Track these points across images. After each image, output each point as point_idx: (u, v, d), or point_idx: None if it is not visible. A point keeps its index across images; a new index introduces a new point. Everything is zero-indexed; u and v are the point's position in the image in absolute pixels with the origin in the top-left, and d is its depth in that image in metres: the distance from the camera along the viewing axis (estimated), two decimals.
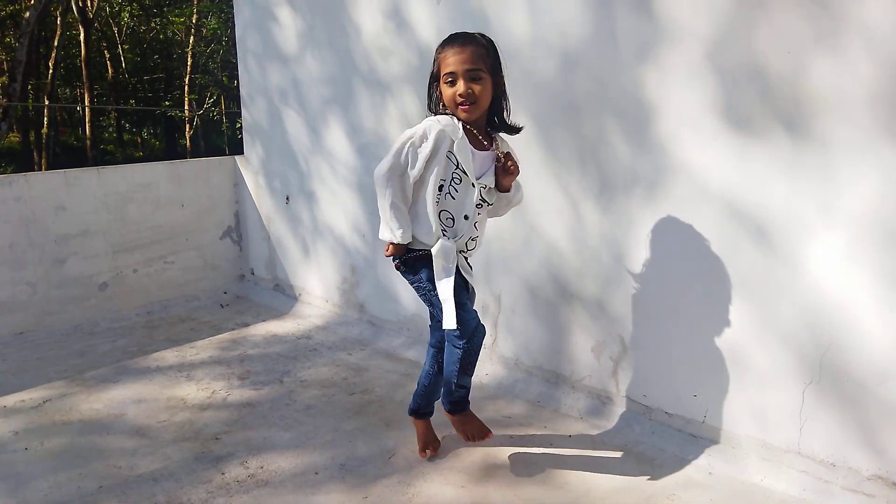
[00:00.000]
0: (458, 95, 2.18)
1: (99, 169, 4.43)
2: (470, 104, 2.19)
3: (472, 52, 2.17)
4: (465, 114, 2.22)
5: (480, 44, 2.21)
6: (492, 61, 2.23)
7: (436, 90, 2.32)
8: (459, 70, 2.16)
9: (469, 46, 2.18)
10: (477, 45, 2.20)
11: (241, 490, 2.54)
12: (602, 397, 3.08)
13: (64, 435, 2.97)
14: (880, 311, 2.25)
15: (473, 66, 2.16)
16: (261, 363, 3.74)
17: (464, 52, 2.16)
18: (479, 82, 2.17)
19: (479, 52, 2.18)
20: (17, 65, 12.13)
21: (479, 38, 2.24)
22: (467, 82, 2.17)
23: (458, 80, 2.17)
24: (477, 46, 2.19)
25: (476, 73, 2.16)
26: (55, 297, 4.24)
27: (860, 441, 2.36)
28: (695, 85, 2.56)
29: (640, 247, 2.84)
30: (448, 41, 2.23)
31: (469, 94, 2.18)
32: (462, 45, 2.18)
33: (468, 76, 2.16)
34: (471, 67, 2.16)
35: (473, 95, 2.18)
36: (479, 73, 2.17)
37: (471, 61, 2.16)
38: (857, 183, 2.24)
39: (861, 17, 2.14)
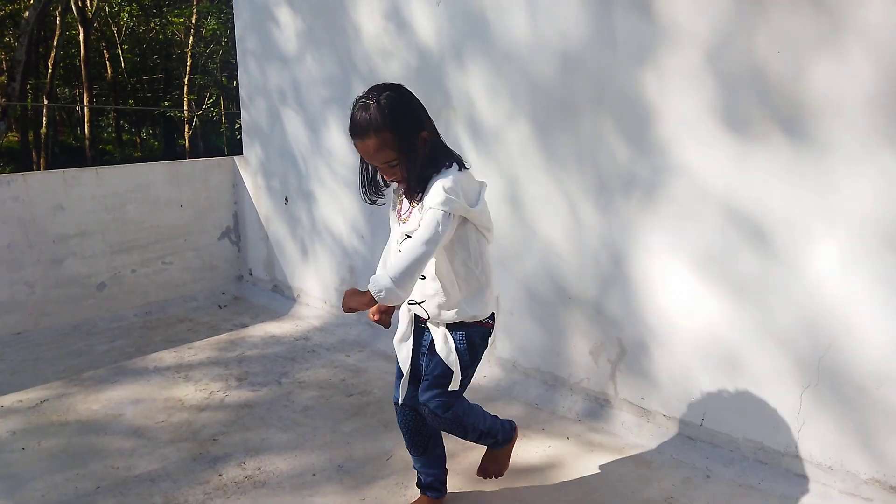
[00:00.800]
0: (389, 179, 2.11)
1: (98, 169, 4.42)
2: (399, 181, 2.09)
3: (371, 145, 1.97)
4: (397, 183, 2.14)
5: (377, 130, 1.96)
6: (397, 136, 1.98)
7: None
8: (373, 163, 2.07)
9: (366, 140, 1.98)
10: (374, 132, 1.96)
11: (239, 491, 2.54)
12: (600, 400, 3.08)
13: (61, 435, 2.97)
14: (878, 315, 2.25)
15: (381, 159, 2.00)
16: (259, 364, 3.73)
17: (364, 146, 1.99)
18: (395, 167, 2.01)
19: (377, 141, 1.97)
20: (17, 64, 12.12)
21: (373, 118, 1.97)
22: (386, 170, 2.05)
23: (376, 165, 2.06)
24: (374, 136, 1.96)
25: (387, 161, 2.00)
26: (53, 298, 4.23)
27: (858, 444, 2.36)
28: (694, 87, 2.56)
29: (639, 249, 2.84)
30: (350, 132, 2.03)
31: (393, 176, 2.07)
32: (361, 139, 1.99)
33: (383, 167, 2.04)
34: (380, 161, 2.01)
35: (397, 174, 2.04)
36: (390, 160, 1.99)
37: (375, 156, 2.00)
38: (856, 186, 2.24)
39: (860, 20, 2.15)
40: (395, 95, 2.02)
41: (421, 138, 2.03)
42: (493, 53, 3.21)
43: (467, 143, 3.41)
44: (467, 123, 3.40)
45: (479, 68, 3.28)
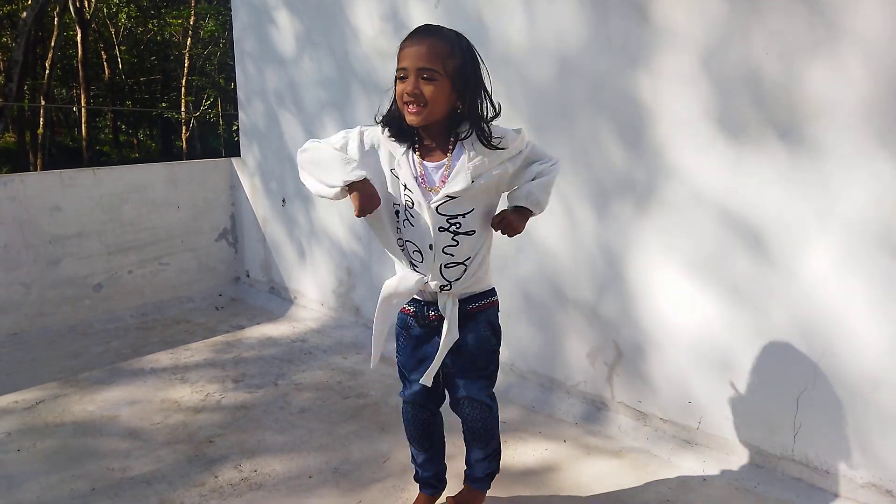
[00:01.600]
0: (406, 93, 1.79)
1: (95, 170, 4.42)
2: (418, 106, 1.80)
3: (430, 46, 1.78)
4: (411, 116, 1.82)
5: (446, 40, 1.81)
6: (457, 63, 1.81)
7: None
8: (411, 66, 1.78)
9: (428, 40, 1.79)
10: (440, 40, 1.80)
11: (235, 493, 2.53)
12: (597, 403, 3.08)
13: (57, 436, 2.96)
14: (874, 319, 2.26)
15: (427, 64, 1.77)
16: (255, 366, 3.73)
17: (421, 45, 1.78)
18: (433, 83, 1.78)
19: (439, 48, 1.78)
20: (14, 65, 12.11)
21: (447, 33, 1.84)
22: (417, 80, 1.78)
23: (408, 76, 1.79)
24: (440, 42, 1.80)
25: (430, 72, 1.77)
26: (49, 298, 4.22)
27: (854, 448, 2.37)
28: (690, 91, 2.57)
29: (635, 252, 2.84)
30: (413, 31, 1.84)
31: (417, 94, 1.78)
32: (420, 39, 1.79)
33: (420, 74, 1.77)
34: (423, 66, 1.77)
35: (422, 97, 1.78)
36: (434, 74, 1.77)
37: (426, 58, 1.77)
38: (851, 190, 2.24)
39: (855, 24, 2.15)
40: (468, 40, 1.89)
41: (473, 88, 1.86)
42: (489, 56, 3.21)
43: None
44: None
45: None
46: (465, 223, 1.91)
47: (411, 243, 1.95)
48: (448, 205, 1.87)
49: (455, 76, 1.81)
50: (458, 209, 1.89)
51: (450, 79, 1.80)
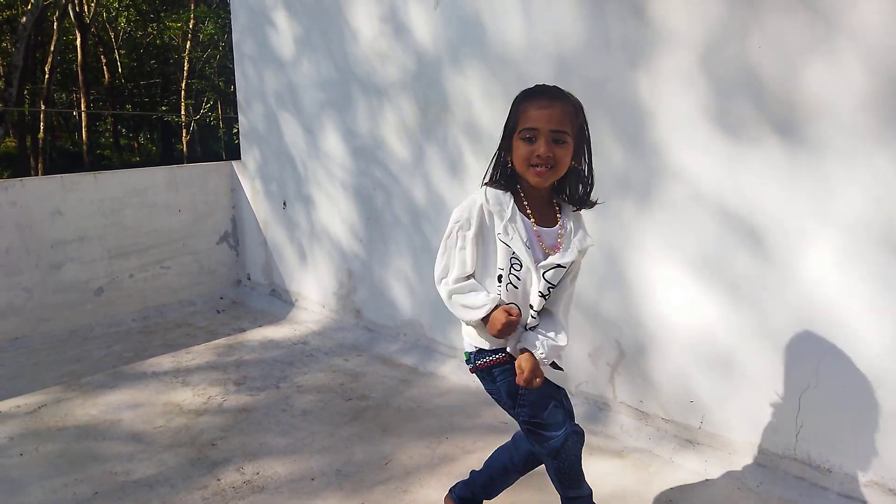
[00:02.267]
0: (536, 156, 1.81)
1: (95, 174, 4.42)
2: (548, 168, 1.82)
3: (562, 109, 1.82)
4: (538, 178, 1.83)
5: (571, 102, 1.86)
6: (579, 125, 1.87)
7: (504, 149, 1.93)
8: (543, 128, 1.80)
9: (559, 102, 1.83)
10: (567, 102, 1.85)
11: (237, 496, 2.53)
12: (599, 403, 3.08)
13: (59, 440, 2.96)
14: (875, 317, 2.26)
15: (560, 126, 1.80)
16: (257, 369, 3.73)
17: (552, 107, 1.81)
18: (563, 146, 1.81)
19: (568, 111, 1.83)
20: (14, 69, 12.12)
21: (570, 96, 1.89)
22: (549, 143, 1.80)
23: (538, 138, 1.80)
24: (567, 104, 1.84)
25: (561, 135, 1.81)
26: (51, 303, 4.23)
27: (856, 447, 2.37)
28: (688, 90, 2.57)
29: (635, 252, 2.84)
30: (533, 93, 1.87)
31: (549, 157, 1.80)
32: (551, 101, 1.83)
33: (552, 137, 1.80)
34: (557, 128, 1.80)
35: (553, 159, 1.81)
36: (565, 137, 1.81)
37: (558, 121, 1.80)
38: (850, 188, 2.24)
39: (853, 23, 2.16)
40: None
41: (586, 145, 1.91)
42: (488, 57, 3.22)
43: (464, 146, 3.42)
44: (464, 126, 3.40)
45: (475, 71, 3.29)
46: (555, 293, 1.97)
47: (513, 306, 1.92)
48: (552, 273, 1.89)
49: (577, 138, 1.86)
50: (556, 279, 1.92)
51: (574, 141, 1.85)
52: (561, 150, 1.81)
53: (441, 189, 3.58)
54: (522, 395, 1.98)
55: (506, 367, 1.99)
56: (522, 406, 1.99)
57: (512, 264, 1.89)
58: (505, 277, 1.90)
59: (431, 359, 3.72)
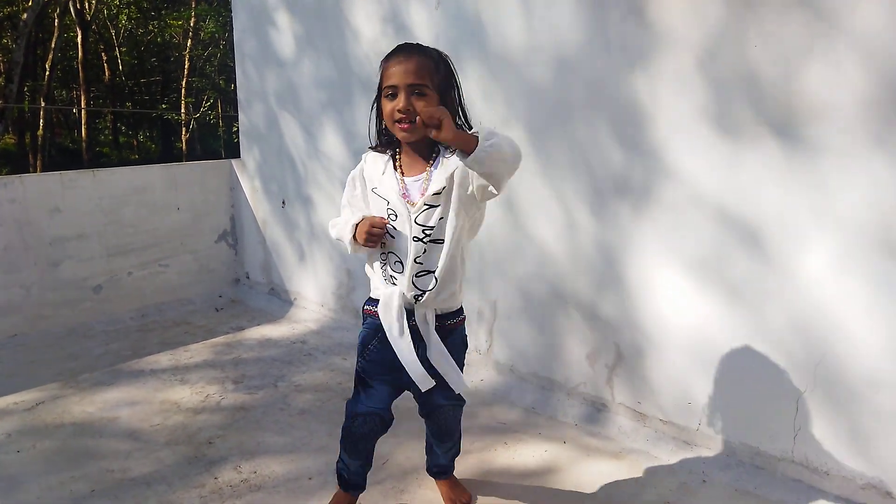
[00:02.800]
0: (397, 111, 1.87)
1: (95, 171, 4.42)
2: (409, 122, 1.87)
3: (418, 63, 1.87)
4: (403, 133, 1.90)
5: (430, 56, 1.92)
6: (441, 77, 1.92)
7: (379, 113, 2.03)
8: (401, 83, 1.86)
9: (415, 57, 1.89)
10: (425, 56, 1.91)
11: (234, 495, 2.53)
12: (597, 404, 3.08)
13: (56, 438, 2.96)
14: (873, 320, 2.26)
15: (417, 79, 1.86)
16: (255, 367, 3.73)
17: (408, 62, 1.87)
18: (423, 98, 1.86)
19: (425, 64, 1.88)
20: (14, 66, 12.12)
21: (429, 50, 1.95)
22: (408, 97, 1.86)
23: (398, 93, 1.87)
24: (425, 58, 1.90)
25: (420, 87, 1.86)
26: (49, 300, 4.23)
27: (854, 450, 2.37)
28: (687, 91, 2.57)
29: (633, 253, 2.84)
30: (393, 51, 1.95)
31: (409, 110, 1.86)
32: (407, 56, 1.89)
33: (410, 90, 1.86)
34: (413, 82, 1.86)
35: (414, 112, 1.86)
36: (424, 89, 1.86)
37: (415, 74, 1.86)
38: (849, 190, 2.25)
39: (853, 24, 2.16)
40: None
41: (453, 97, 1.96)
42: (489, 57, 3.22)
43: None
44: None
45: (476, 72, 3.29)
46: (436, 231, 1.96)
47: (394, 254, 2.02)
48: (425, 214, 1.95)
49: (441, 90, 1.92)
50: (433, 218, 1.95)
51: (437, 93, 1.90)
52: (421, 102, 1.86)
53: None
54: (369, 350, 2.13)
55: (371, 319, 2.12)
56: (362, 359, 2.15)
57: (388, 215, 1.99)
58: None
59: None
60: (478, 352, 3.54)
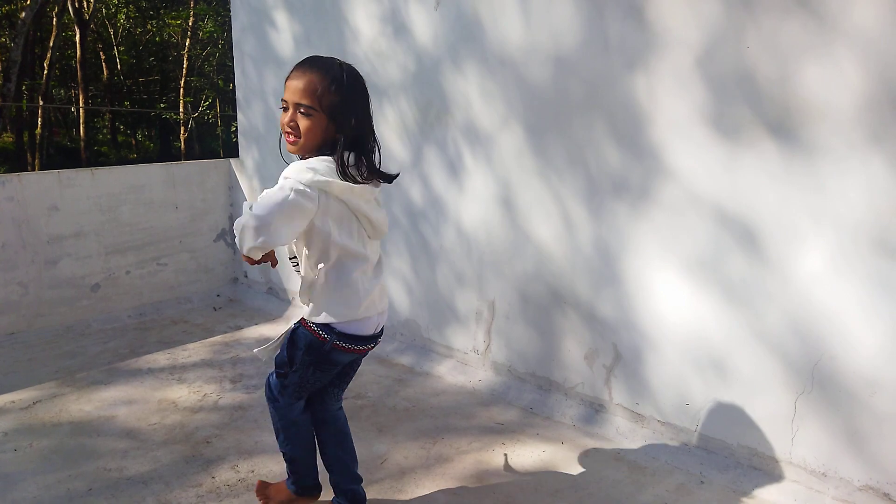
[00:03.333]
0: (284, 124, 1.94)
1: (93, 170, 4.41)
2: (294, 137, 1.94)
3: (309, 82, 1.89)
4: (289, 146, 1.98)
5: (325, 75, 1.90)
6: (334, 99, 1.90)
7: None
8: (290, 100, 1.91)
9: (307, 75, 1.90)
10: (320, 75, 1.90)
11: (232, 494, 2.53)
12: (595, 405, 3.08)
13: (54, 436, 2.95)
14: (871, 321, 2.26)
15: (303, 99, 1.89)
16: (253, 366, 3.72)
17: (300, 80, 1.90)
18: (308, 118, 1.89)
19: (316, 85, 1.89)
20: (12, 65, 12.10)
21: (329, 67, 1.93)
22: (294, 113, 1.91)
23: (288, 108, 1.93)
24: (319, 77, 1.90)
25: (306, 108, 1.89)
26: (47, 298, 4.22)
27: (852, 451, 2.37)
28: (685, 92, 2.58)
29: (631, 253, 2.84)
30: (297, 64, 1.97)
31: (293, 125, 1.92)
32: (301, 73, 1.91)
33: (297, 108, 1.90)
34: (299, 101, 1.89)
35: (298, 129, 1.92)
36: (310, 110, 1.89)
37: (302, 92, 1.89)
38: (846, 191, 2.25)
39: (850, 24, 2.16)
40: (356, 71, 2.00)
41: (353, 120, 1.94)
42: (488, 58, 3.22)
43: (462, 147, 3.42)
44: (463, 127, 3.40)
45: (475, 72, 3.29)
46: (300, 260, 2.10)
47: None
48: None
49: (332, 112, 1.90)
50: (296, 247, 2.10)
51: (326, 114, 1.90)
52: (305, 120, 1.89)
53: (439, 189, 3.58)
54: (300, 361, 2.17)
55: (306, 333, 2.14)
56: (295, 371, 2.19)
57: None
58: None
59: (428, 359, 3.72)
60: (476, 352, 3.54)
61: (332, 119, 1.91)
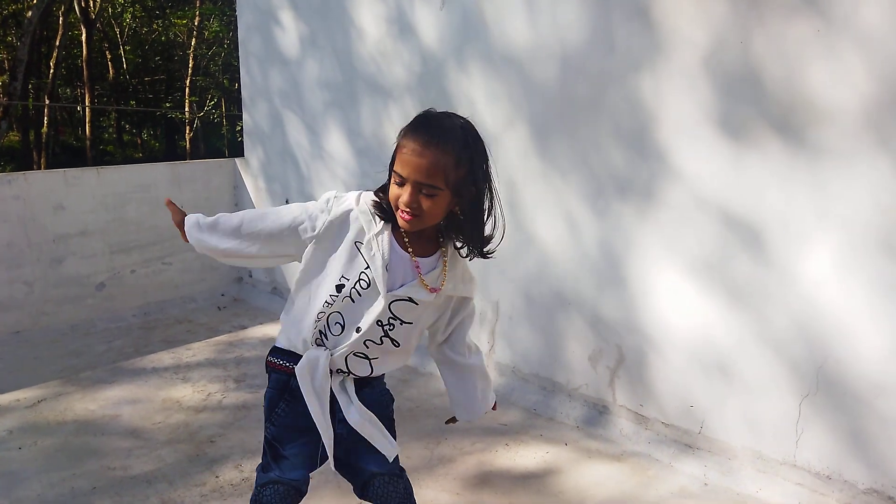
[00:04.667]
0: (402, 202, 1.62)
1: (98, 169, 4.43)
2: (413, 216, 1.64)
3: (433, 160, 1.59)
4: (404, 223, 1.66)
5: (450, 150, 1.62)
6: (461, 173, 1.64)
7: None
8: (410, 177, 1.60)
9: (431, 152, 1.59)
10: (444, 151, 1.61)
11: (235, 493, 2.53)
12: (598, 406, 3.08)
13: (58, 435, 2.96)
14: (876, 323, 2.25)
15: (427, 179, 1.59)
16: (257, 366, 3.73)
17: (423, 157, 1.59)
18: (432, 199, 1.62)
19: (442, 162, 1.60)
20: (19, 64, 12.14)
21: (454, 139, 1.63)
22: (416, 193, 1.61)
23: (406, 185, 1.62)
24: (443, 154, 1.60)
25: (430, 188, 1.60)
26: (52, 297, 4.23)
27: (856, 454, 2.36)
28: (691, 93, 2.57)
29: (636, 254, 2.84)
30: (415, 128, 1.64)
31: (415, 206, 1.62)
32: (424, 146, 1.60)
33: (418, 187, 1.61)
34: (423, 181, 1.59)
35: (420, 209, 1.62)
36: (434, 190, 1.61)
37: (426, 172, 1.59)
38: (852, 192, 2.24)
39: (857, 26, 2.15)
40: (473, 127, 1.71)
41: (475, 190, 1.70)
42: (493, 58, 3.22)
43: None
44: None
45: (480, 72, 3.29)
46: (398, 332, 1.74)
47: (339, 315, 1.72)
48: (401, 306, 1.70)
49: (457, 187, 1.65)
50: (406, 315, 1.72)
51: (451, 190, 1.64)
52: (429, 201, 1.61)
53: None
54: (277, 414, 1.81)
55: (277, 375, 1.83)
56: (271, 424, 1.81)
57: (360, 279, 1.70)
58: (347, 289, 1.70)
59: (430, 360, 3.71)
60: None
61: (457, 194, 1.65)
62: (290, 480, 1.78)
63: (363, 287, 1.70)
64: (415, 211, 1.62)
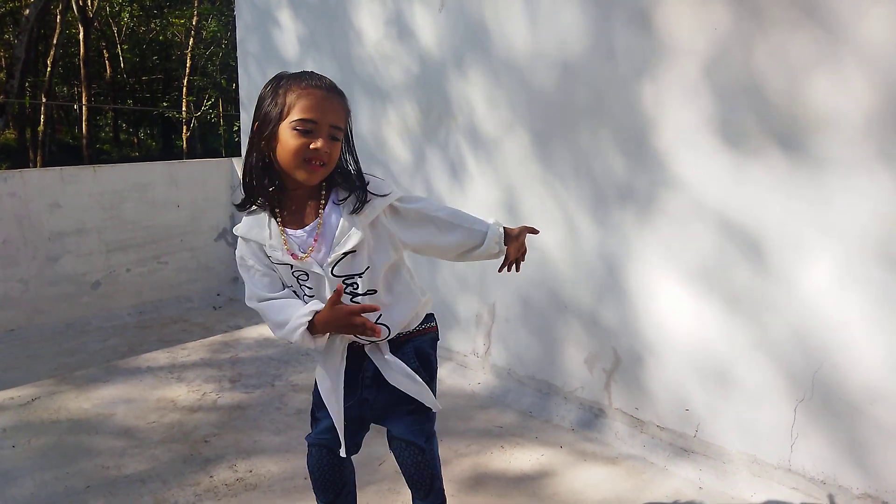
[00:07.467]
0: (314, 149, 1.58)
1: (95, 167, 4.42)
2: (322, 165, 1.61)
3: (339, 103, 1.64)
4: (310, 174, 1.62)
5: (343, 95, 1.68)
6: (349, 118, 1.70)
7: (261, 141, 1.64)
8: (323, 120, 1.59)
9: (335, 95, 1.64)
10: (341, 95, 1.67)
11: (229, 493, 2.53)
12: (594, 409, 3.08)
13: (52, 433, 2.95)
14: (872, 331, 2.26)
15: (338, 122, 1.63)
16: (252, 366, 3.72)
17: (330, 101, 1.62)
18: (335, 143, 1.63)
19: (345, 105, 1.66)
20: (16, 62, 12.11)
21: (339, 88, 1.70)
22: (328, 139, 1.60)
23: (317, 131, 1.59)
24: (342, 98, 1.67)
25: (339, 132, 1.63)
26: (47, 295, 4.22)
27: (851, 459, 2.36)
28: (691, 101, 2.57)
29: (634, 260, 2.84)
30: (306, 78, 1.63)
31: (326, 153, 1.59)
32: (329, 90, 1.63)
33: (331, 131, 1.61)
34: (336, 123, 1.62)
35: (329, 156, 1.61)
36: (339, 134, 1.64)
37: (337, 115, 1.62)
38: (851, 201, 2.25)
39: (858, 36, 2.16)
40: None
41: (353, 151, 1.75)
42: (493, 62, 3.22)
43: (466, 151, 3.42)
44: (467, 131, 3.40)
45: (479, 76, 3.29)
46: (364, 283, 1.73)
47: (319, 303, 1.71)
48: (343, 265, 1.69)
49: (347, 132, 1.70)
50: (353, 268, 1.70)
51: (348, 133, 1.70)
52: (335, 146, 1.62)
53: (442, 192, 3.58)
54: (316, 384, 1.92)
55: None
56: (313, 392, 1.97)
57: (297, 277, 1.72)
58: (298, 288, 1.75)
59: None
60: (475, 355, 3.54)
61: (346, 140, 1.70)
62: (322, 440, 1.92)
63: (304, 279, 1.73)
64: (324, 158, 1.60)
